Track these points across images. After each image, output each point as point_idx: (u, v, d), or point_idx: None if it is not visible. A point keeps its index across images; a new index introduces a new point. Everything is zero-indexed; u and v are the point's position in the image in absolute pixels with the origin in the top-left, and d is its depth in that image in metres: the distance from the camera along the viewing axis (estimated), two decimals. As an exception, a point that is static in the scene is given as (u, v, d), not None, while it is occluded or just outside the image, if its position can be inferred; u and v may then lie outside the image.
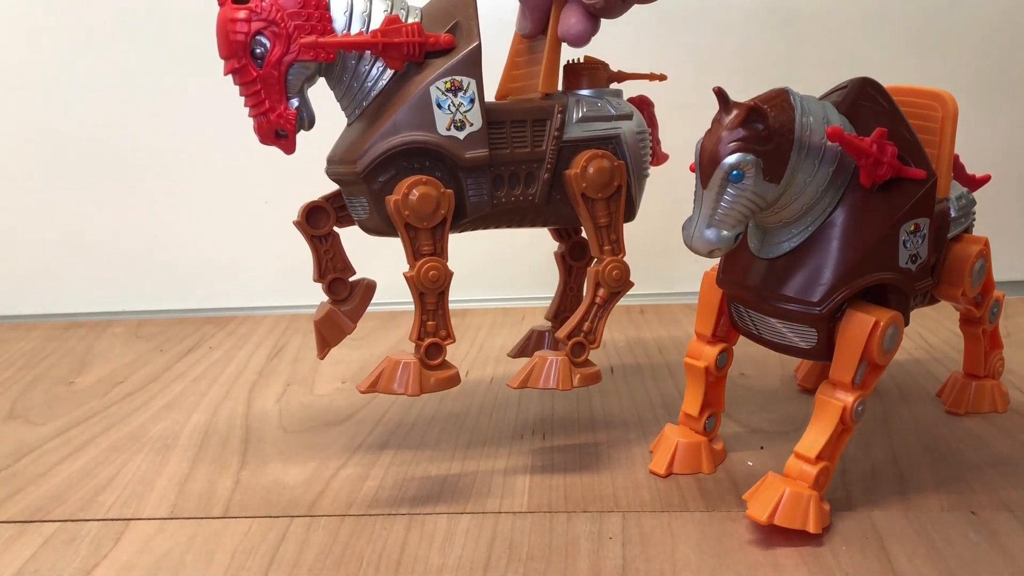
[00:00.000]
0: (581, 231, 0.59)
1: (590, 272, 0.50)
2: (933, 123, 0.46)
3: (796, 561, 0.40)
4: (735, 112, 0.38)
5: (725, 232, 0.38)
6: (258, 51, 0.43)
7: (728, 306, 0.47)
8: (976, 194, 0.51)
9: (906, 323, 0.43)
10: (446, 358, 0.47)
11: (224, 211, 0.82)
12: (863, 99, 0.43)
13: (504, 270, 0.83)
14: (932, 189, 0.43)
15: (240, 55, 0.43)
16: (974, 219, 0.51)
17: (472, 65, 0.46)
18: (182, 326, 0.81)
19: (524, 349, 0.61)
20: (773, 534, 0.42)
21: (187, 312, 0.86)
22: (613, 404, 0.59)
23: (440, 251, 0.46)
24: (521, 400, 0.60)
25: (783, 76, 0.78)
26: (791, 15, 0.76)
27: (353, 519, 0.45)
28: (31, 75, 0.82)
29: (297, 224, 0.51)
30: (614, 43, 0.78)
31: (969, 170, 0.51)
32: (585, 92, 0.51)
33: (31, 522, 0.47)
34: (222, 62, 0.45)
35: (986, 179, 0.52)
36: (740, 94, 0.40)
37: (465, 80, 0.46)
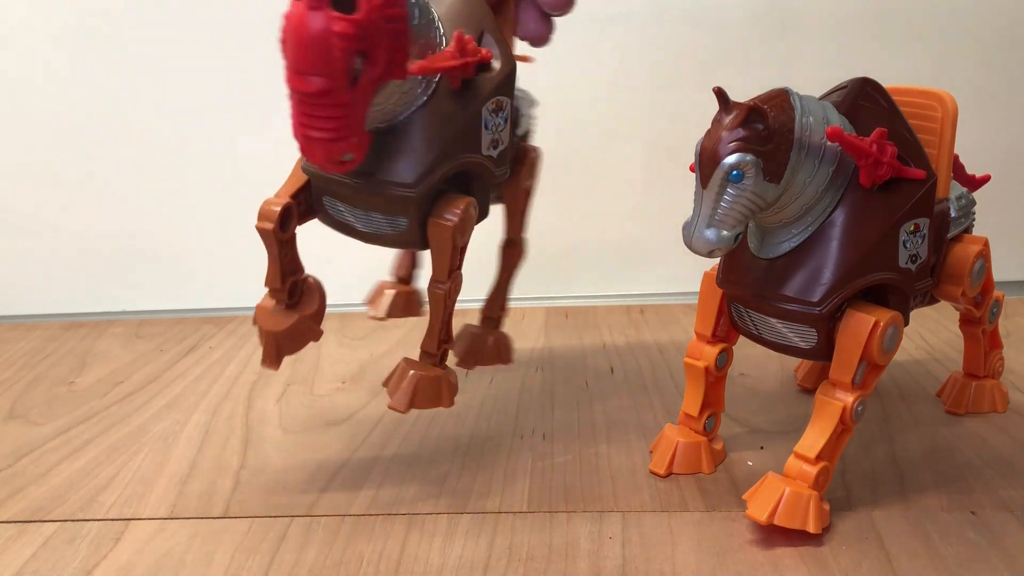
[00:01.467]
0: None
1: (507, 251, 0.54)
2: (933, 123, 0.46)
3: (796, 561, 0.40)
4: (735, 112, 0.38)
5: (725, 232, 0.38)
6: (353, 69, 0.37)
7: (728, 306, 0.47)
8: (976, 194, 0.51)
9: (906, 323, 0.43)
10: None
11: (224, 211, 0.82)
12: (863, 99, 0.43)
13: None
14: (932, 189, 0.43)
15: (338, 75, 0.36)
16: (974, 219, 0.51)
17: (511, 85, 0.45)
18: (182, 326, 0.81)
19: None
20: (773, 534, 0.42)
21: (187, 312, 0.86)
22: (613, 404, 0.59)
23: (460, 264, 0.46)
24: (521, 400, 0.60)
25: (783, 76, 0.78)
26: (791, 15, 0.76)
27: (353, 519, 0.45)
28: (31, 75, 0.82)
29: (269, 231, 0.45)
30: (614, 44, 0.78)
31: (969, 170, 0.51)
32: None
33: (31, 522, 0.47)
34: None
35: (986, 179, 0.52)
36: (740, 94, 0.40)
37: (505, 100, 0.45)
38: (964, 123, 0.46)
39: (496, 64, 0.45)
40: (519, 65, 0.51)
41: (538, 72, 0.78)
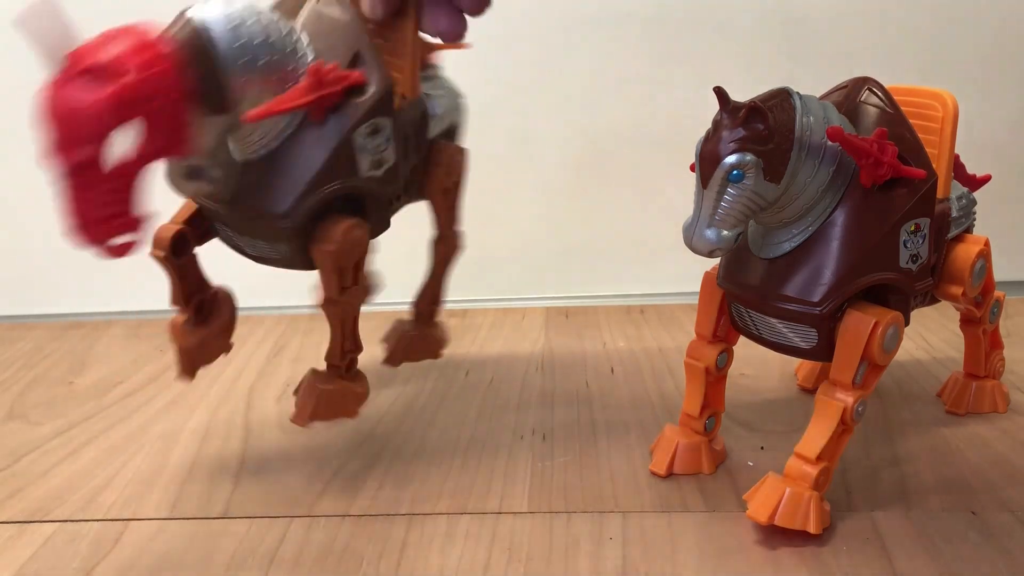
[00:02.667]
0: None
1: (438, 246, 0.54)
2: (933, 123, 0.46)
3: (796, 561, 0.40)
4: (735, 112, 0.38)
5: (725, 232, 0.38)
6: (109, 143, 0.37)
7: (728, 306, 0.47)
8: (977, 194, 0.51)
9: (906, 323, 0.43)
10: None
11: (224, 211, 0.82)
12: (864, 99, 0.43)
13: (504, 270, 0.83)
14: (932, 189, 0.43)
15: (95, 151, 0.36)
16: (974, 219, 0.51)
17: (388, 105, 0.44)
18: (182, 326, 0.81)
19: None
20: (773, 534, 0.42)
21: (187, 312, 0.86)
22: (613, 404, 0.59)
23: (359, 278, 0.46)
24: (521, 400, 0.60)
25: (783, 76, 0.78)
26: (791, 14, 0.76)
27: (353, 519, 0.45)
28: (31, 75, 0.82)
29: (161, 258, 0.47)
30: (614, 45, 0.78)
31: (969, 170, 0.51)
32: (423, 82, 0.49)
33: (31, 522, 0.47)
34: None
35: (986, 179, 0.52)
36: (740, 94, 0.40)
37: (383, 121, 0.44)
38: (965, 123, 0.46)
39: (371, 86, 0.43)
40: (453, 53, 0.51)
41: (539, 73, 0.79)
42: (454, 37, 0.43)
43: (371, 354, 0.54)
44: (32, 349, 0.77)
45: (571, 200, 0.81)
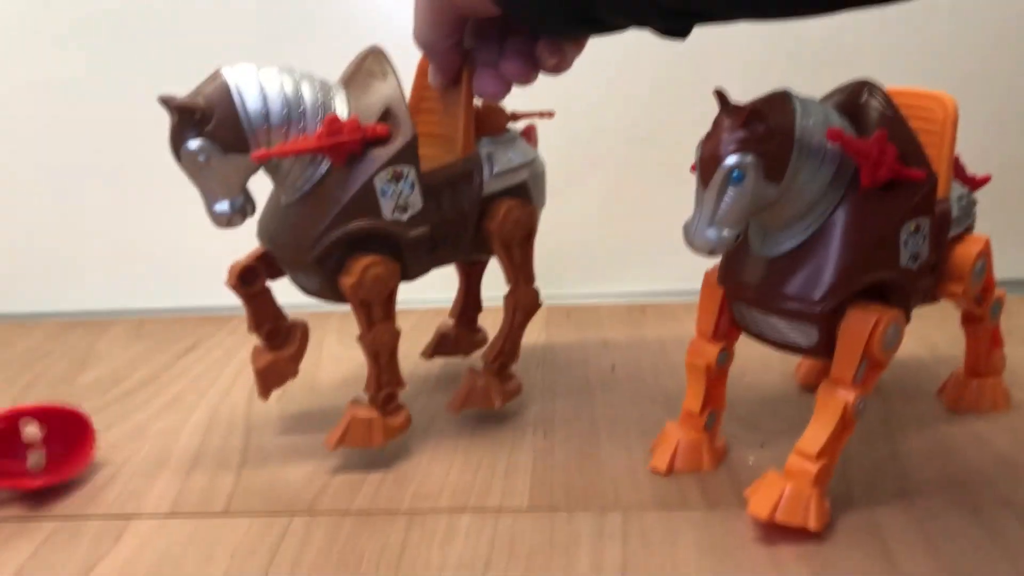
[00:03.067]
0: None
1: (507, 299, 0.55)
2: (933, 125, 0.46)
3: (797, 558, 0.40)
4: (736, 113, 0.38)
5: (726, 232, 0.38)
6: None
7: (729, 304, 0.47)
8: (977, 194, 0.51)
9: (907, 321, 0.43)
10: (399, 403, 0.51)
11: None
12: (864, 101, 0.43)
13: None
14: (933, 189, 0.43)
15: None
16: (975, 219, 0.51)
17: (411, 154, 0.48)
18: (182, 325, 0.81)
19: (438, 348, 0.64)
20: (774, 531, 0.42)
21: (187, 311, 0.86)
22: (614, 402, 0.59)
23: (390, 315, 0.49)
24: (522, 398, 0.60)
25: (784, 78, 0.78)
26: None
27: (353, 517, 0.45)
28: (31, 75, 0.82)
29: (231, 287, 0.52)
30: (614, 44, 0.78)
31: (970, 171, 0.51)
32: (490, 142, 0.53)
33: (31, 519, 0.47)
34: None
35: (986, 179, 0.52)
36: (741, 95, 0.40)
37: (405, 168, 0.48)
38: (965, 124, 0.46)
39: (397, 137, 0.47)
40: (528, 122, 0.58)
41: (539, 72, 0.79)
42: (495, 98, 0.48)
43: (406, 351, 0.54)
44: (32, 348, 0.77)
45: (571, 199, 0.81)
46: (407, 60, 0.52)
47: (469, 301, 0.63)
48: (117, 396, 0.64)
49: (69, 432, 0.51)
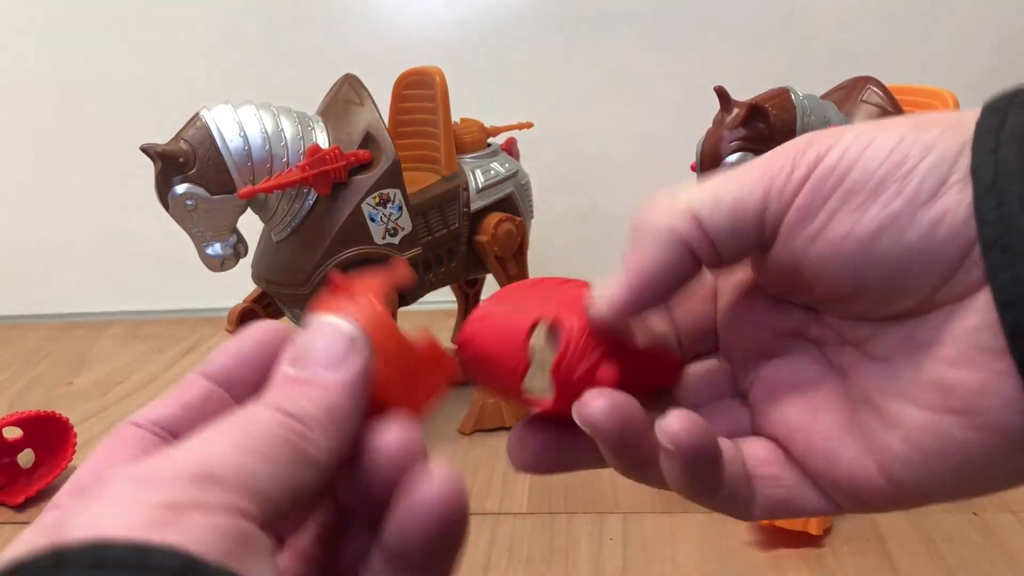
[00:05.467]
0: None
1: None
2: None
3: (797, 562, 0.40)
4: (736, 111, 0.38)
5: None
6: None
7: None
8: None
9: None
10: None
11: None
12: (864, 98, 0.43)
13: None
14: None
15: None
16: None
17: (395, 177, 0.48)
18: (180, 326, 0.81)
19: None
20: (774, 535, 0.41)
21: (185, 312, 0.86)
22: (613, 404, 0.59)
23: None
24: (521, 400, 0.60)
25: (784, 75, 0.78)
26: (792, 14, 0.76)
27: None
28: (31, 75, 0.82)
29: (231, 332, 0.52)
30: (614, 45, 0.78)
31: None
32: (472, 159, 0.54)
33: (29, 523, 0.46)
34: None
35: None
36: (741, 93, 0.40)
37: (391, 192, 0.48)
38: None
39: (379, 162, 0.48)
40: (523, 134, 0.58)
41: (539, 72, 0.78)
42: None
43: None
44: (31, 349, 0.77)
45: (570, 199, 0.81)
46: (381, 85, 0.53)
47: None
48: (115, 399, 0.64)
49: (50, 436, 0.51)
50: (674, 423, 0.19)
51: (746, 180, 0.19)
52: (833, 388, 0.20)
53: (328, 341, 0.17)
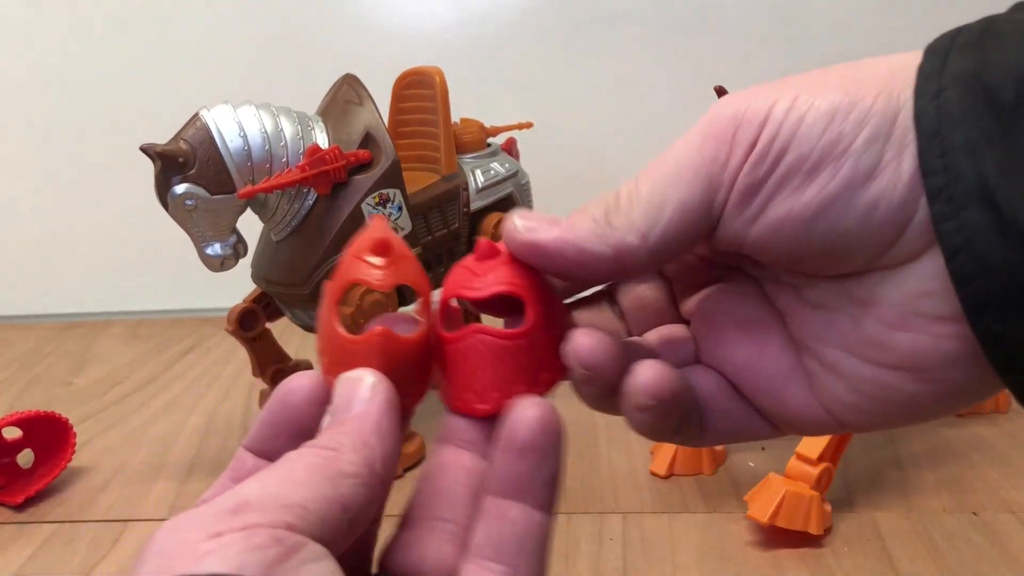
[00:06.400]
0: None
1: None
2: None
3: (797, 562, 0.40)
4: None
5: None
6: None
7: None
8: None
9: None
10: None
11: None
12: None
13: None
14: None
15: None
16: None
17: (395, 177, 0.48)
18: (180, 326, 0.81)
19: None
20: (774, 535, 0.41)
21: (185, 312, 0.85)
22: (613, 405, 0.59)
23: None
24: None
25: (784, 75, 0.78)
26: (791, 13, 0.76)
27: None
28: (31, 75, 0.82)
29: (231, 332, 0.52)
30: (616, 46, 0.78)
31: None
32: (472, 159, 0.54)
33: (30, 523, 0.46)
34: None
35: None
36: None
37: (391, 192, 0.48)
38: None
39: (379, 162, 0.48)
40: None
41: (539, 72, 0.78)
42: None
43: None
44: (30, 349, 0.77)
45: (570, 198, 0.81)
46: (381, 85, 0.53)
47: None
48: (115, 399, 0.64)
49: (50, 436, 0.51)
50: (650, 375, 0.19)
51: (682, 178, 0.19)
52: (775, 328, 0.21)
53: (350, 390, 0.18)
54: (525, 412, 0.19)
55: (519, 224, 0.20)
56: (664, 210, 0.18)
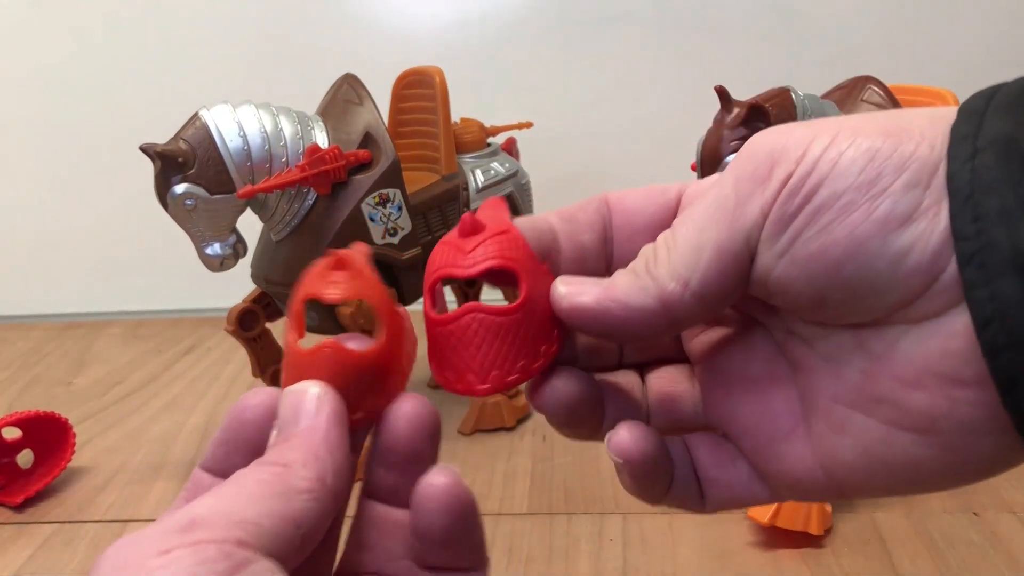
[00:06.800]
0: None
1: None
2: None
3: (798, 563, 0.40)
4: (736, 110, 0.38)
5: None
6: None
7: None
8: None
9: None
10: None
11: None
12: (865, 97, 0.43)
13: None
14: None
15: None
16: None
17: (395, 177, 0.48)
18: (180, 327, 0.81)
19: None
20: (774, 536, 0.41)
21: (185, 312, 0.85)
22: (613, 405, 0.59)
23: None
24: (521, 401, 0.59)
25: (784, 75, 0.78)
26: (792, 13, 0.76)
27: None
28: (31, 74, 0.82)
29: (231, 332, 0.52)
30: (616, 46, 0.78)
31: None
32: (472, 158, 0.54)
33: (29, 523, 0.46)
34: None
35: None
36: (741, 93, 0.40)
37: (391, 192, 0.48)
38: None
39: (379, 162, 0.48)
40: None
41: (539, 72, 0.78)
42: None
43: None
44: (30, 349, 0.77)
45: (570, 199, 0.81)
46: (381, 85, 0.53)
47: None
48: (114, 399, 0.64)
49: (49, 436, 0.51)
50: (622, 436, 0.20)
51: (717, 220, 0.18)
52: (782, 384, 0.20)
53: (295, 403, 0.18)
54: (432, 488, 0.18)
55: (562, 290, 0.19)
56: (702, 254, 0.18)
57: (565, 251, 0.21)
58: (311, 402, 0.18)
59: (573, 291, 0.19)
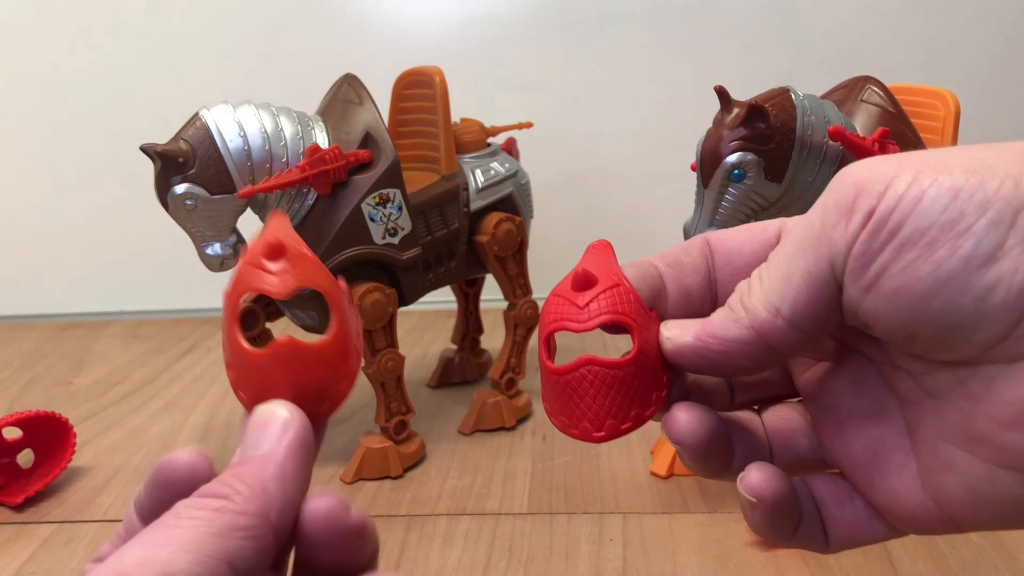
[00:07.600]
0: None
1: (507, 316, 0.56)
2: (935, 122, 0.46)
3: (797, 562, 0.40)
4: (736, 111, 0.38)
5: (726, 232, 0.38)
6: None
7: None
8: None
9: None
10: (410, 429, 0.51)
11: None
12: (865, 98, 0.43)
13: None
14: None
15: None
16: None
17: (395, 177, 0.48)
18: (180, 327, 0.81)
19: (444, 376, 0.63)
20: (775, 535, 0.41)
21: (185, 312, 0.85)
22: (613, 405, 0.59)
23: (393, 342, 0.50)
24: (521, 401, 0.59)
25: (784, 75, 0.78)
26: (792, 13, 0.76)
27: None
28: (31, 74, 0.82)
29: None
30: (616, 46, 0.78)
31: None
32: (472, 158, 0.54)
33: (29, 523, 0.46)
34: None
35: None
36: (741, 93, 0.40)
37: (391, 192, 0.48)
38: (966, 122, 0.46)
39: (378, 162, 0.48)
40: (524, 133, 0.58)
41: (539, 72, 0.78)
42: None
43: (405, 351, 0.53)
44: (30, 349, 0.77)
45: (570, 199, 0.81)
46: (381, 85, 0.53)
47: (470, 324, 0.63)
48: (115, 398, 0.64)
49: (50, 436, 0.51)
50: (754, 476, 0.20)
51: (805, 248, 0.18)
52: (892, 419, 0.20)
53: (261, 424, 0.18)
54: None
55: (667, 334, 0.20)
56: (791, 280, 0.18)
57: (671, 295, 0.21)
58: (276, 426, 0.18)
59: (676, 334, 0.20)
